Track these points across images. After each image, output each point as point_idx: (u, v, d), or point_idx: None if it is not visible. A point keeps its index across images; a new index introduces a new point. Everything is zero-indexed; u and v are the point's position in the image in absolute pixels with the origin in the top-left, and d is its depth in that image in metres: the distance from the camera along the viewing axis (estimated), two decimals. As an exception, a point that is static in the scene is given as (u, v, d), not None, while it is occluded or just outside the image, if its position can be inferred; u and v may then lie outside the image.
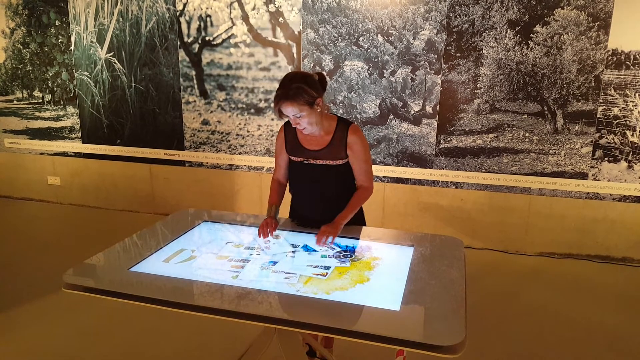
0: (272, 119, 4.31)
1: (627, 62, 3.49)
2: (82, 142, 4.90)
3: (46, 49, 4.77)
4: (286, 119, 2.05)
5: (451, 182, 4.00)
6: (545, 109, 3.71)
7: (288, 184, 2.32)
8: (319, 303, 1.58)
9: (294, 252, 1.98)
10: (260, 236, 2.08)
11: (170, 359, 2.57)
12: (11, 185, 5.28)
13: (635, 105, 3.55)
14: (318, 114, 2.03)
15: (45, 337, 2.76)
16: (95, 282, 1.72)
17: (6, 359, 2.57)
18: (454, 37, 3.75)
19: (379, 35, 3.87)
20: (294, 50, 4.12)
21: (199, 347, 2.68)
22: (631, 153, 3.63)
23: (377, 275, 1.79)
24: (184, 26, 4.33)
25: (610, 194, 3.73)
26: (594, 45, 3.53)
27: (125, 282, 1.72)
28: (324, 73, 2.26)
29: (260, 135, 4.37)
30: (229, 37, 4.25)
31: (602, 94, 3.58)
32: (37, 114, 5.00)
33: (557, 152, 3.75)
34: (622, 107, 3.57)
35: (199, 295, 1.65)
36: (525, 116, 3.75)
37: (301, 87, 1.95)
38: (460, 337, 1.37)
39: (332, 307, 1.55)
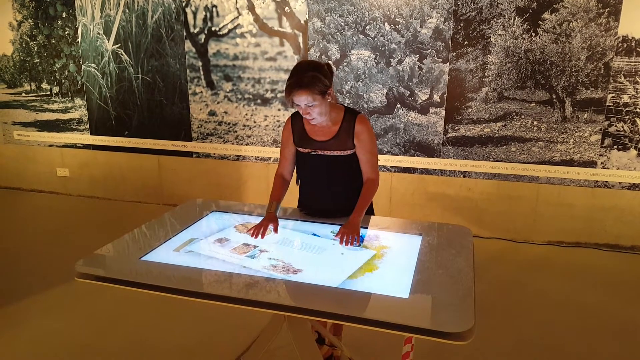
0: (279, 110, 4.31)
1: (638, 49, 3.45)
2: (90, 134, 4.92)
3: (53, 41, 4.79)
4: (297, 109, 2.03)
5: (459, 171, 3.99)
6: (554, 97, 3.68)
7: (295, 175, 2.32)
8: (328, 291, 1.59)
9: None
10: (253, 235, 1.99)
11: (181, 347, 2.61)
12: (21, 177, 5.33)
13: (645, 93, 3.51)
14: (327, 104, 2.03)
15: (57, 327, 2.80)
16: (107, 272, 1.74)
17: (19, 348, 2.62)
18: (462, 25, 3.71)
19: (386, 24, 3.85)
20: (300, 39, 4.10)
21: (209, 334, 2.70)
22: (641, 141, 3.60)
23: (386, 263, 1.80)
24: (189, 17, 4.32)
25: (620, 182, 3.70)
26: (603, 32, 3.48)
27: (136, 271, 1.74)
28: (331, 63, 2.25)
29: (267, 125, 4.38)
30: (235, 27, 4.24)
31: (612, 81, 3.55)
32: (45, 106, 5.03)
33: (565, 140, 3.72)
34: (632, 95, 3.54)
35: (208, 283, 1.67)
36: (534, 104, 3.73)
37: (316, 75, 1.95)
38: (469, 325, 1.37)
39: (341, 295, 1.56)
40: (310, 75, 1.94)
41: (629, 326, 2.80)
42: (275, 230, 2.03)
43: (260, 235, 1.98)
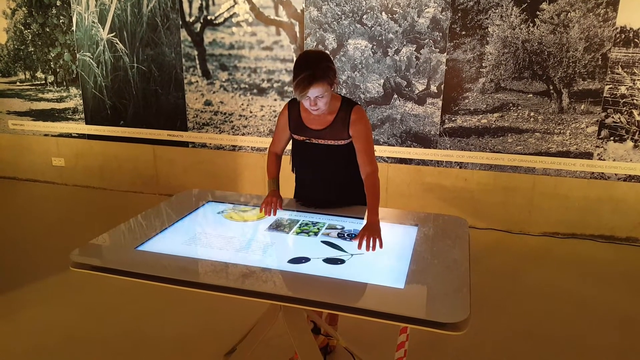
0: (275, 100, 4.29)
1: (636, 40, 3.44)
2: (86, 124, 4.89)
3: (48, 30, 4.74)
4: (304, 100, 1.97)
5: (455, 162, 3.99)
6: (551, 88, 3.67)
7: (291, 164, 2.31)
8: (323, 281, 1.59)
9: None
10: (266, 213, 2.10)
11: (177, 337, 2.61)
12: (16, 166, 5.30)
13: (642, 84, 3.51)
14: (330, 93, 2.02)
15: (52, 316, 2.80)
16: (102, 261, 1.74)
17: (14, 338, 2.61)
18: (459, 14, 3.69)
19: (383, 13, 3.82)
20: (297, 29, 4.07)
21: (204, 324, 2.71)
22: (637, 132, 3.60)
23: (381, 253, 1.80)
24: (185, 5, 4.28)
25: (616, 174, 3.71)
26: (601, 23, 3.47)
27: (132, 261, 1.73)
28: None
29: (263, 116, 4.36)
30: (231, 16, 4.21)
31: (609, 72, 3.54)
32: (40, 95, 4.99)
33: (562, 131, 3.72)
34: (630, 86, 3.53)
35: (204, 273, 1.66)
36: (531, 95, 3.72)
37: (329, 66, 1.94)
38: (464, 315, 1.38)
39: (336, 285, 1.56)
40: (324, 67, 1.92)
41: (623, 317, 2.82)
42: (280, 206, 2.12)
43: (273, 212, 2.08)
